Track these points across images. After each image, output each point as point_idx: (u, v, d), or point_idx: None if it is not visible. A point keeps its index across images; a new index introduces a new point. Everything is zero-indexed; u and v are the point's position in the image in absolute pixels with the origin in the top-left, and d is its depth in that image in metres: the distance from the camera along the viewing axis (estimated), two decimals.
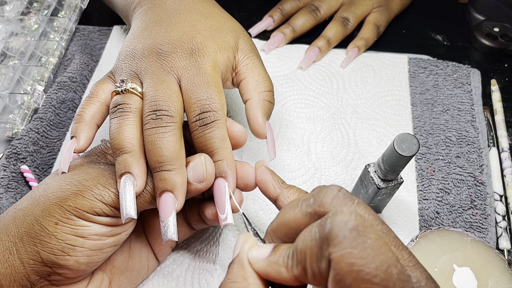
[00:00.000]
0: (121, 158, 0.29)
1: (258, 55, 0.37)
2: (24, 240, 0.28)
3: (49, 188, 0.30)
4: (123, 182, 0.29)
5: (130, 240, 0.34)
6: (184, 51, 0.34)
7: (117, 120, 0.31)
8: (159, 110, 0.30)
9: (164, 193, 0.29)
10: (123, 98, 0.32)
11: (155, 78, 0.32)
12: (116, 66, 0.35)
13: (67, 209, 0.28)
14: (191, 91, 0.32)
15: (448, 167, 0.42)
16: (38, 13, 0.54)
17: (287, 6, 0.53)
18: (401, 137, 0.30)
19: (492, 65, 0.51)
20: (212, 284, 0.36)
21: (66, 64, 0.51)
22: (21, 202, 0.31)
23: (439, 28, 0.54)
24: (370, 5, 0.52)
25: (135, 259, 0.34)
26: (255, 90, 0.35)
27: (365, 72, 0.49)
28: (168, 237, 0.29)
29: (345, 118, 0.46)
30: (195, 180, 0.30)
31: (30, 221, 0.29)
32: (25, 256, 0.28)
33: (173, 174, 0.29)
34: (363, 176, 0.36)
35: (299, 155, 0.43)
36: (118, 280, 0.33)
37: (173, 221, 0.29)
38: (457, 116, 0.45)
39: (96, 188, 0.29)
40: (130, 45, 0.35)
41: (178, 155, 0.29)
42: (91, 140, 0.33)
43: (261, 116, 0.35)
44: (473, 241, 0.36)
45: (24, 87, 0.48)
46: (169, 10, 0.37)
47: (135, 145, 0.30)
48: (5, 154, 0.43)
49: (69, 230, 0.28)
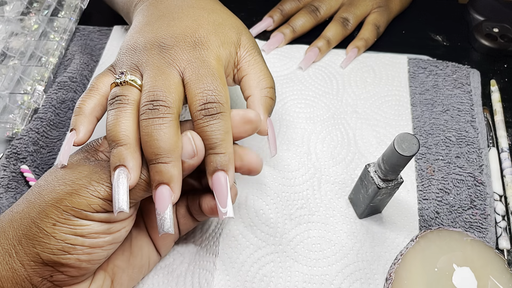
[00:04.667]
0: (116, 150, 0.29)
1: (259, 52, 0.37)
2: (23, 243, 0.28)
3: (43, 190, 0.30)
4: (117, 175, 0.28)
5: (131, 237, 0.34)
6: (187, 44, 0.33)
7: (114, 112, 0.30)
8: (156, 101, 0.30)
9: (160, 186, 0.29)
10: (121, 90, 0.31)
11: (156, 70, 0.32)
12: (117, 60, 0.35)
13: (64, 209, 0.28)
14: (197, 81, 0.31)
15: (448, 167, 0.42)
16: (38, 13, 0.54)
17: (287, 7, 0.53)
18: (401, 137, 0.30)
19: (492, 65, 0.51)
20: (212, 284, 0.36)
21: (66, 64, 0.51)
22: (17, 205, 0.30)
23: (439, 29, 0.54)
24: (370, 6, 0.52)
25: (137, 256, 0.34)
26: (256, 86, 0.35)
27: (365, 73, 0.50)
28: (165, 230, 0.28)
29: (345, 118, 0.46)
30: (186, 156, 0.29)
31: (27, 224, 0.28)
32: (25, 258, 0.28)
33: (169, 166, 0.29)
34: (363, 176, 0.36)
35: (299, 155, 0.43)
36: (120, 278, 0.33)
37: (170, 214, 0.29)
38: (457, 116, 0.45)
39: (90, 185, 0.29)
40: (131, 39, 0.35)
41: (175, 147, 0.29)
42: (91, 133, 0.33)
43: (263, 113, 0.35)
44: (473, 241, 0.36)
45: (24, 87, 0.48)
46: (172, 6, 0.37)
47: (131, 138, 0.29)
48: (5, 154, 0.43)
49: (67, 230, 0.28)
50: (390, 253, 0.38)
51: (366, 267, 0.37)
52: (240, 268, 0.37)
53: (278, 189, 0.41)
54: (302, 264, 0.37)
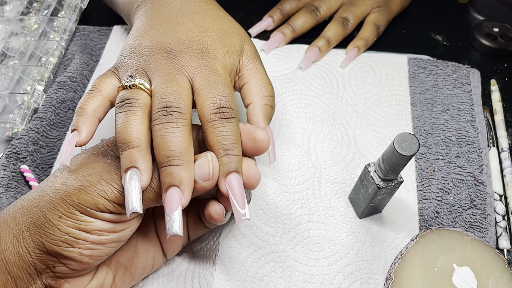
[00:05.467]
0: (127, 152, 0.29)
1: (260, 60, 0.38)
2: (31, 230, 0.29)
3: (56, 181, 0.30)
4: (129, 177, 0.28)
5: (137, 237, 0.34)
6: (195, 51, 0.34)
7: (124, 115, 0.30)
8: (170, 107, 0.30)
9: (170, 188, 0.28)
10: (131, 93, 0.31)
11: (165, 76, 0.32)
12: (121, 62, 0.34)
13: (71, 203, 0.28)
14: (209, 87, 0.31)
15: (448, 167, 0.42)
16: (38, 13, 0.54)
17: (287, 6, 0.53)
18: (401, 137, 0.30)
19: (492, 65, 0.51)
20: (212, 284, 0.36)
21: (66, 64, 0.51)
22: (30, 193, 0.31)
23: (439, 28, 0.54)
24: (370, 5, 0.52)
25: (141, 256, 0.34)
26: (257, 94, 0.36)
27: (365, 72, 0.50)
28: (173, 231, 0.28)
29: (345, 118, 0.46)
30: (201, 178, 0.29)
31: (36, 212, 0.29)
32: (31, 246, 0.29)
33: (180, 169, 0.28)
34: (363, 176, 0.36)
35: (299, 155, 0.43)
36: (122, 276, 0.33)
37: (179, 216, 0.28)
38: (457, 116, 0.45)
39: (99, 184, 0.29)
40: (135, 42, 0.35)
41: (187, 151, 0.29)
42: (93, 134, 0.33)
43: (263, 121, 0.35)
44: (473, 240, 0.36)
45: (24, 87, 0.48)
46: (175, 10, 0.37)
47: (142, 140, 0.29)
48: (5, 153, 0.43)
49: (72, 224, 0.28)
50: (390, 253, 0.38)
51: (366, 267, 0.37)
52: (240, 268, 0.37)
53: (278, 189, 0.41)
54: (302, 264, 0.37)
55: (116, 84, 0.34)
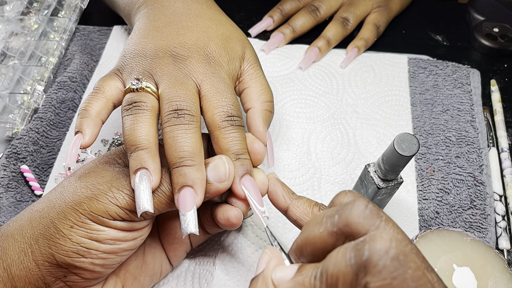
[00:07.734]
0: (136, 154, 0.29)
1: (260, 65, 0.38)
2: (40, 242, 0.28)
3: (65, 190, 0.30)
4: (139, 178, 0.28)
5: (144, 245, 0.34)
6: (201, 57, 0.34)
7: (132, 117, 0.30)
8: (181, 110, 0.30)
9: (183, 188, 0.28)
10: (138, 96, 0.31)
11: (173, 80, 0.32)
12: (124, 64, 0.34)
13: (82, 213, 0.28)
14: (218, 95, 0.32)
15: (448, 167, 0.42)
16: (38, 13, 0.54)
17: (287, 6, 0.53)
18: (401, 137, 0.30)
19: (492, 65, 0.51)
20: (212, 284, 0.36)
21: (66, 64, 0.51)
22: (37, 204, 0.30)
23: (439, 29, 0.54)
24: (370, 6, 0.52)
25: (149, 264, 0.34)
26: (257, 99, 0.36)
27: (365, 72, 0.50)
28: (189, 231, 0.28)
29: (345, 118, 0.46)
30: (216, 180, 0.29)
31: (46, 223, 0.29)
32: (40, 258, 0.28)
33: (193, 169, 0.28)
34: (363, 176, 0.36)
35: (299, 155, 0.43)
36: (130, 285, 0.33)
37: (194, 215, 0.28)
38: (457, 116, 0.45)
39: (110, 192, 0.29)
40: (139, 44, 0.35)
41: (199, 152, 0.29)
42: (96, 136, 0.33)
43: (262, 125, 0.35)
44: (473, 241, 0.36)
45: (24, 87, 0.48)
46: (178, 13, 0.37)
47: (151, 142, 0.29)
48: (5, 154, 0.43)
49: (84, 234, 0.28)
50: None
51: None
52: (240, 268, 0.37)
53: None
54: None
55: (119, 86, 0.34)
